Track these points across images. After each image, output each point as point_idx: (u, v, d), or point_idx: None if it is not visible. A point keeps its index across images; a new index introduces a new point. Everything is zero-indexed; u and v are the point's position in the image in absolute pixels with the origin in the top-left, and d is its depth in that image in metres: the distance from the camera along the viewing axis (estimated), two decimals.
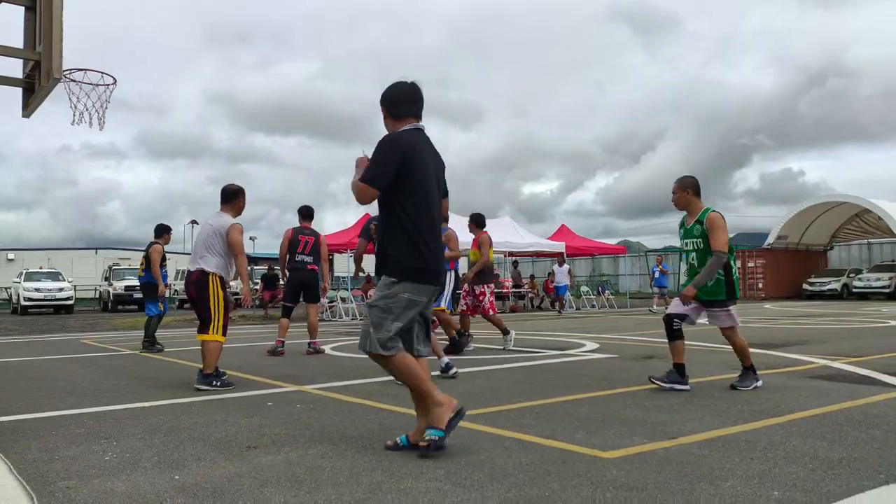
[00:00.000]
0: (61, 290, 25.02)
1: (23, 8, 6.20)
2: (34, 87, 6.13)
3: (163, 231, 9.59)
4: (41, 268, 29.03)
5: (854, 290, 27.80)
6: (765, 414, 4.26)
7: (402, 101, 3.54)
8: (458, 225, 21.41)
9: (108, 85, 7.47)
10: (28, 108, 6.40)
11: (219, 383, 5.70)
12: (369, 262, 5.83)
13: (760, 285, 30.62)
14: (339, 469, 3.13)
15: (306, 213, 8.74)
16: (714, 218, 5.15)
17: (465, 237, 9.21)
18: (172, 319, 18.27)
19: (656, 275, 19.94)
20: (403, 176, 3.39)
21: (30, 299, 24.15)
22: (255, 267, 28.84)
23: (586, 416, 4.25)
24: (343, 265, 32.71)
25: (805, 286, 29.24)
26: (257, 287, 20.85)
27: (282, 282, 9.85)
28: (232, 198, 6.13)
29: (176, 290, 31.01)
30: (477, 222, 8.91)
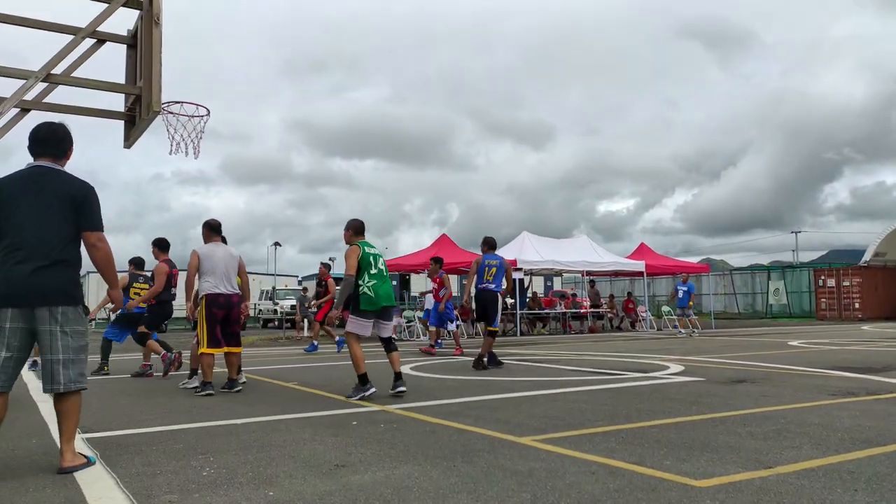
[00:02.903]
0: None
1: (125, 46, 6.64)
2: (135, 119, 6.53)
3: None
4: None
5: None
6: (867, 443, 4.04)
7: (33, 143, 3.93)
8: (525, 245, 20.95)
9: (202, 116, 7.86)
10: (129, 139, 6.80)
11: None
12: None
13: (857, 305, 29.05)
14: (426, 490, 3.16)
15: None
16: (347, 250, 6.45)
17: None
18: (258, 339, 18.87)
19: (679, 294, 18.96)
20: None
21: None
22: (336, 287, 29.34)
23: (675, 442, 4.14)
24: (420, 284, 33.05)
25: None
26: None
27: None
28: (220, 230, 7.36)
29: (260, 310, 32.01)
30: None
